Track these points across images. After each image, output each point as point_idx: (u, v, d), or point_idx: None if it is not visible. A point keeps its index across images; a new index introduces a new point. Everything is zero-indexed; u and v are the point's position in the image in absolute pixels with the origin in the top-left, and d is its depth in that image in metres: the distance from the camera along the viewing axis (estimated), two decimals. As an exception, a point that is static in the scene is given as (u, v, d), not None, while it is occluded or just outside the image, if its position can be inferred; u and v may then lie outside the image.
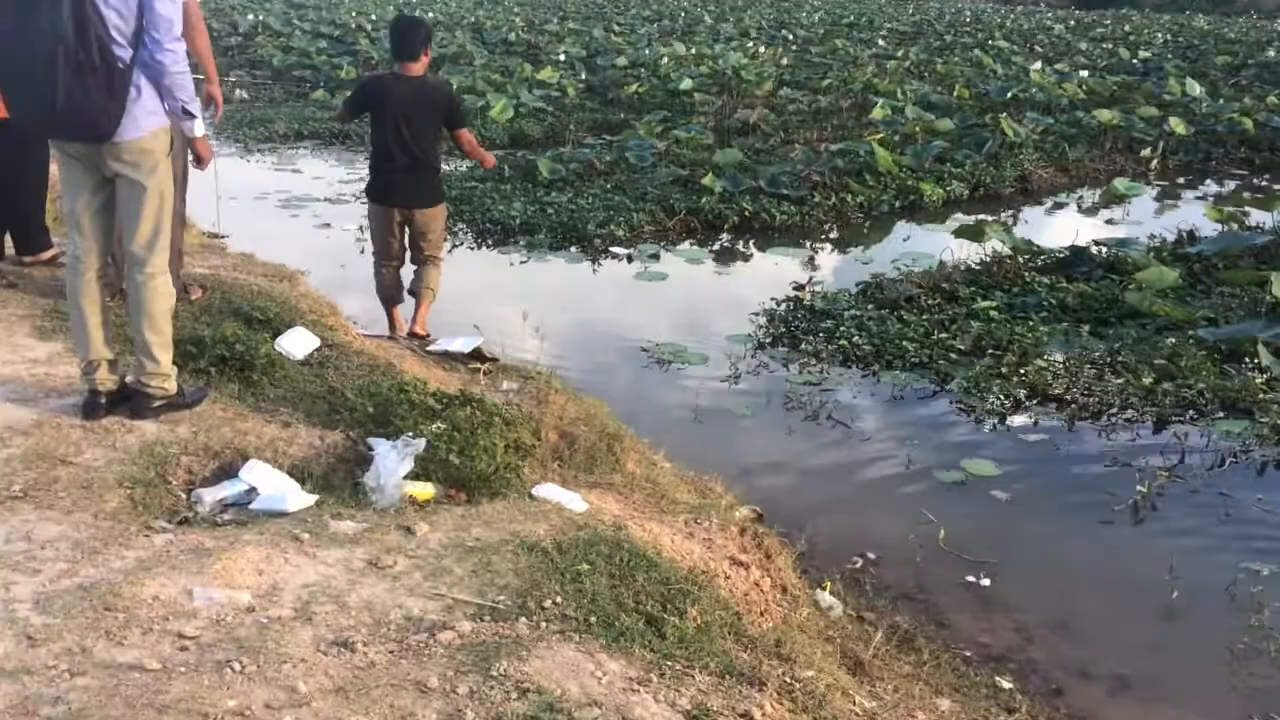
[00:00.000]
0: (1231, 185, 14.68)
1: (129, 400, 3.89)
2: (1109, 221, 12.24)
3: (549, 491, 3.90)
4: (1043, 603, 4.67)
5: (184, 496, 3.56)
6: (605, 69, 21.44)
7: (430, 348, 5.87)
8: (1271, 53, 28.66)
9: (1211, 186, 14.64)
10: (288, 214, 11.39)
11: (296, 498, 3.52)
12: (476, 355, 5.81)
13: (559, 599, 2.99)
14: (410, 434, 3.93)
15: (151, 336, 3.80)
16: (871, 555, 4.93)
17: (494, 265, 9.71)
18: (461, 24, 33.23)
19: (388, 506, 3.54)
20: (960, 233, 9.52)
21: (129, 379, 3.93)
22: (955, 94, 17.85)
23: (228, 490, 3.56)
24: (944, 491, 5.60)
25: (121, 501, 3.33)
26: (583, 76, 20.57)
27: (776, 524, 5.05)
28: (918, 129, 14.32)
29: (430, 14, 36.83)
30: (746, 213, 11.05)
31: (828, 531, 5.12)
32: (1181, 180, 14.82)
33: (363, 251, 10.03)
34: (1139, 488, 5.48)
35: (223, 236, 10.21)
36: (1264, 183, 14.66)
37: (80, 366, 3.89)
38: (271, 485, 3.57)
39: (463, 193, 11.60)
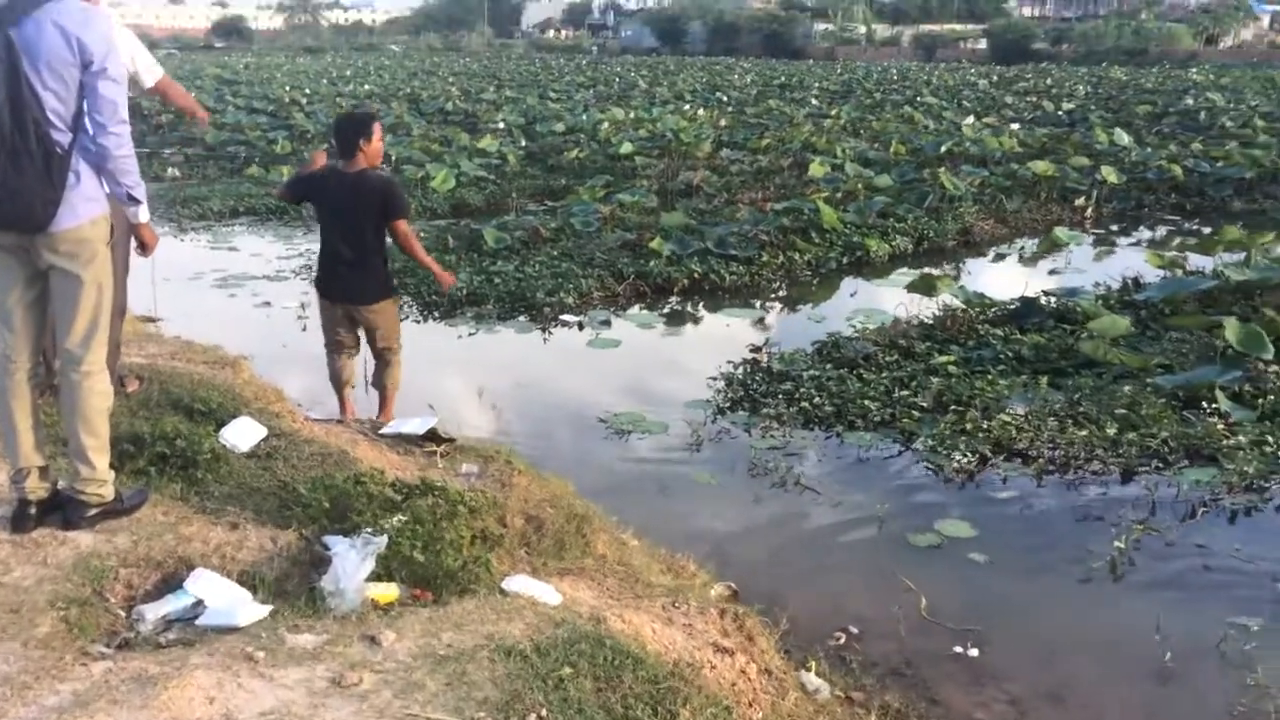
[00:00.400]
0: (1164, 230, 14.96)
1: (62, 509, 3.61)
2: (1052, 271, 12.36)
3: (521, 585, 3.68)
4: (1033, 671, 4.51)
5: (124, 615, 3.28)
6: (544, 135, 21.47)
7: (383, 430, 5.63)
8: (1190, 101, 29.56)
9: (1145, 232, 14.90)
10: (225, 293, 11.09)
11: (248, 610, 3.26)
12: (432, 436, 5.57)
13: (544, 711, 2.76)
14: (369, 529, 3.69)
15: (87, 440, 3.53)
16: (854, 629, 4.74)
17: (442, 338, 9.50)
18: (398, 95, 33.25)
19: (349, 612, 3.29)
20: (912, 287, 9.52)
21: (62, 486, 3.65)
22: (891, 150, 18.09)
23: (172, 605, 3.29)
24: (921, 556, 5.45)
25: (54, 626, 3.04)
26: (522, 144, 20.56)
27: (754, 601, 4.88)
28: (859, 185, 14.43)
29: (366, 86, 36.92)
30: (696, 274, 10.98)
31: (806, 605, 4.94)
32: (1115, 227, 15.07)
33: (305, 329, 9.80)
34: (1116, 543, 5.38)
35: (158, 320, 9.89)
36: (1195, 227, 14.95)
37: (8, 474, 3.61)
38: (220, 597, 3.31)
39: (406, 264, 11.37)
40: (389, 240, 6.01)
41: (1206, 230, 14.89)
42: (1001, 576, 5.24)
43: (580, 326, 9.78)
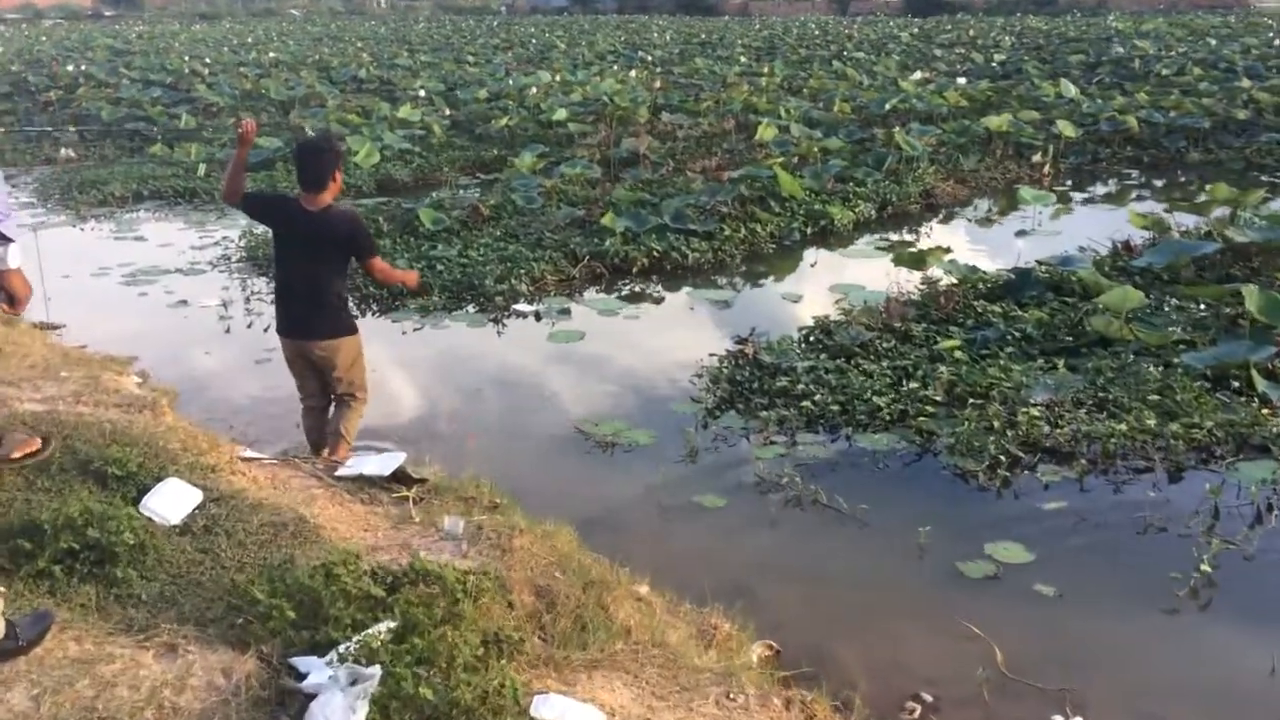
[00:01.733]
0: (1125, 185, 14.49)
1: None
2: (1020, 233, 11.78)
3: (555, 710, 2.83)
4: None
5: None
6: (468, 103, 20.30)
7: (341, 472, 4.70)
8: (1119, 49, 29.37)
9: (1101, 187, 14.43)
10: (134, 291, 9.93)
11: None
12: (400, 478, 4.67)
13: None
14: (352, 643, 2.80)
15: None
16: (927, 697, 3.98)
17: (384, 336, 8.50)
18: (305, 63, 31.56)
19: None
20: (900, 261, 8.80)
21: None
22: (835, 109, 17.36)
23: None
24: (978, 591, 4.72)
25: None
26: (446, 112, 19.38)
27: (799, 660, 4.16)
28: (812, 149, 13.66)
29: (270, 54, 35.01)
30: (655, 253, 10.12)
31: (863, 666, 4.18)
32: (1070, 183, 14.57)
33: (228, 331, 8.74)
34: (1203, 566, 4.70)
35: (57, 327, 8.74)
36: (1161, 183, 14.52)
37: None
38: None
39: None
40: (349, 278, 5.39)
41: (1159, 183, 14.53)
42: (1076, 613, 4.53)
43: (537, 317, 8.87)
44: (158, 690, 2.64)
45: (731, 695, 3.36)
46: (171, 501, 3.68)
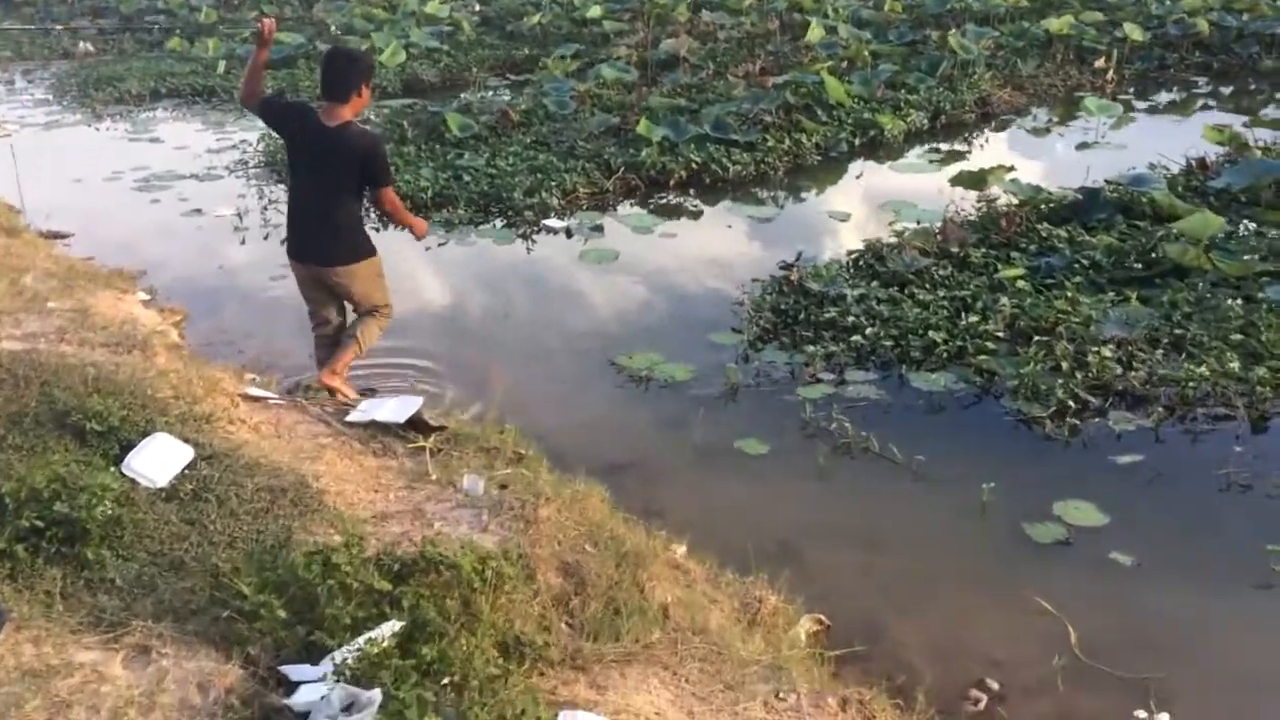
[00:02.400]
0: (1192, 94, 13.59)
1: None
2: (1083, 145, 11.04)
3: (584, 731, 2.45)
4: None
5: None
6: (499, -2, 19.40)
7: (353, 417, 4.31)
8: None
9: (1166, 95, 13.55)
10: (147, 198, 9.51)
11: None
12: (416, 425, 4.28)
13: None
14: (351, 650, 2.43)
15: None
16: (994, 684, 3.60)
17: (406, 252, 8.02)
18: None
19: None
20: (959, 181, 8.19)
21: None
22: (887, 8, 16.39)
23: None
24: (1048, 558, 4.30)
25: None
26: (476, 8, 18.55)
27: (850, 636, 3.80)
28: (863, 52, 12.87)
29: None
30: (694, 164, 9.55)
31: (922, 645, 3.81)
32: (1132, 90, 13.70)
33: (243, 243, 8.33)
34: (1299, 537, 4.24)
35: (65, 236, 8.36)
36: (1229, 91, 13.62)
37: None
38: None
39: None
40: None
41: (1226, 92, 13.63)
42: (1158, 587, 4.10)
43: (569, 233, 8.38)
44: (121, 712, 2.28)
45: (781, 694, 2.99)
46: (158, 461, 3.30)
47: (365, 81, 4.82)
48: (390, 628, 2.53)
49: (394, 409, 4.30)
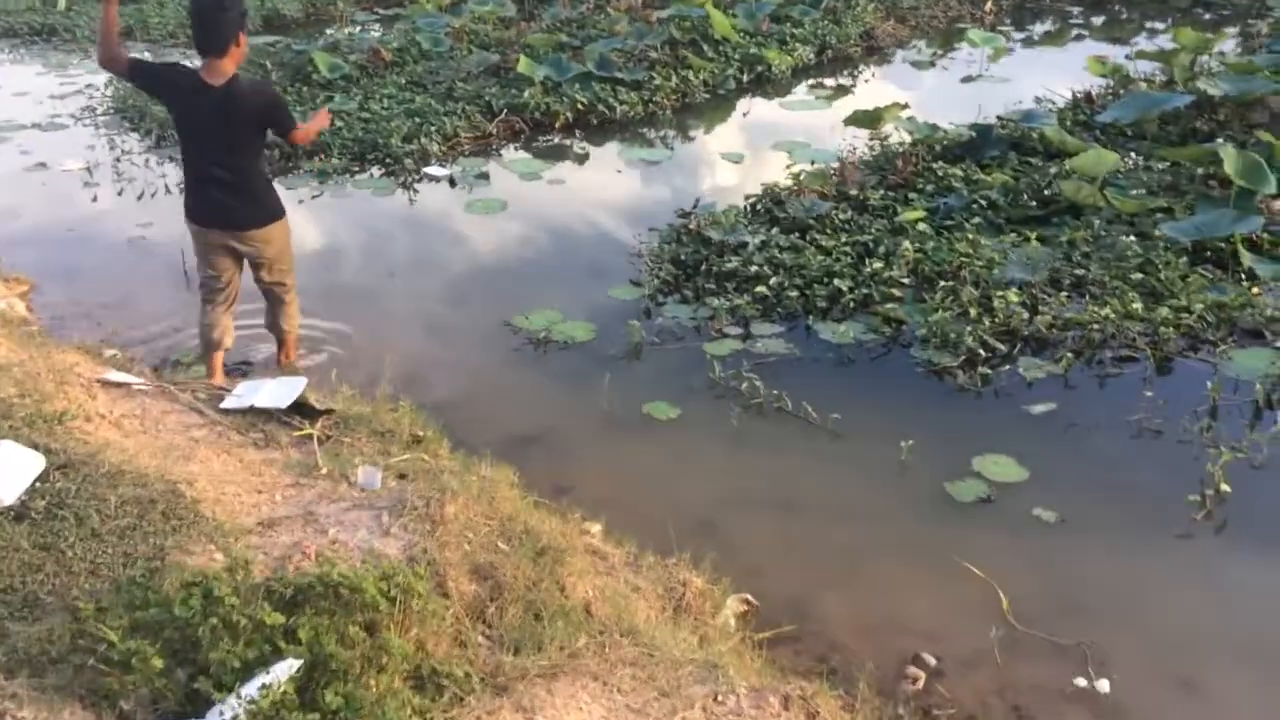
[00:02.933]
0: (1067, 24, 13.72)
1: None
2: (967, 79, 11.00)
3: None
4: (1190, 710, 3.33)
5: None
6: (362, -74, 18.37)
7: (228, 404, 3.91)
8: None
9: (1040, 26, 13.64)
10: (-16, 153, 8.67)
11: None
12: (301, 409, 3.90)
13: None
14: (240, 704, 2.11)
15: None
16: (930, 659, 3.47)
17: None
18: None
19: None
20: (854, 120, 8.01)
21: None
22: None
23: None
24: (971, 518, 4.19)
25: None
26: (338, -64, 17.51)
27: (779, 617, 3.64)
28: (744, -17, 12.54)
29: None
30: (579, 105, 9.16)
31: (853, 621, 3.67)
32: (1009, 21, 13.75)
33: (95, 199, 7.65)
34: (1219, 482, 4.21)
35: (-111, 199, 7.57)
36: (1101, 21, 13.78)
37: None
38: None
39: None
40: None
41: (1099, 21, 13.80)
42: (1082, 544, 4.03)
43: (452, 182, 7.94)
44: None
45: (720, 697, 2.78)
46: (3, 475, 2.88)
47: (241, 29, 4.44)
48: (287, 668, 2.22)
49: (274, 393, 3.91)
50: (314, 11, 13.53)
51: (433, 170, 8.05)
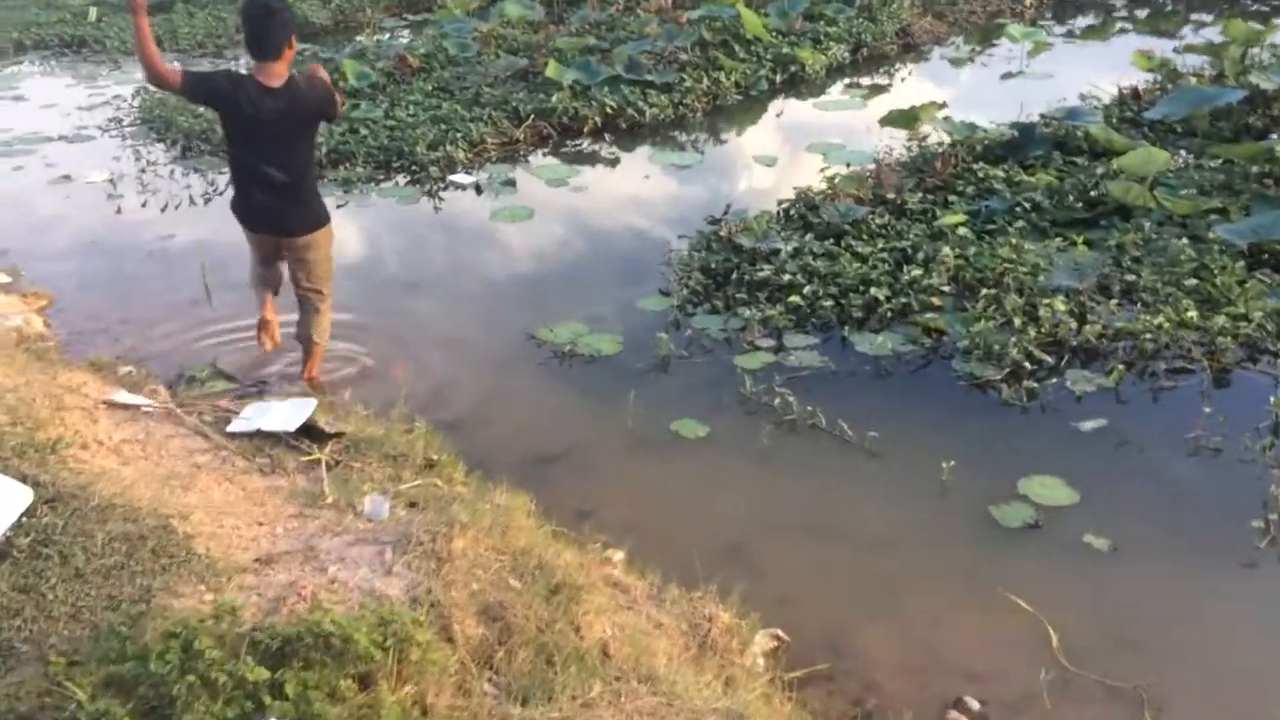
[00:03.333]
0: (1110, 17, 13.33)
1: None
2: (1007, 75, 10.69)
3: None
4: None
5: None
6: (392, -69, 18.30)
7: (235, 427, 3.75)
8: None
9: (1082, 19, 13.27)
10: (9, 165, 8.65)
11: None
12: (310, 432, 3.73)
13: None
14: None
15: None
16: (973, 703, 3.23)
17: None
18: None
19: None
20: (889, 120, 7.75)
21: None
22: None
23: None
24: (1018, 545, 3.94)
25: None
26: (368, -58, 17.45)
27: (812, 654, 3.41)
28: (778, -19, 12.29)
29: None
30: (608, 109, 8.96)
31: (891, 658, 3.44)
32: (1050, 15, 13.39)
33: (119, 212, 7.56)
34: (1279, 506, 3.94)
35: (-88, 213, 7.52)
36: (1144, 13, 13.40)
37: None
38: None
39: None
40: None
41: (1143, 14, 13.42)
42: (1137, 574, 3.77)
43: (478, 190, 7.78)
44: None
45: (747, 750, 2.56)
46: (-13, 512, 2.72)
47: (292, 31, 4.51)
48: (271, 736, 2.04)
49: (283, 415, 3.75)
50: (342, 19, 13.44)
51: (458, 178, 7.89)
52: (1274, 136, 7.18)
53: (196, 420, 3.76)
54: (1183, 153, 7.48)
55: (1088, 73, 9.74)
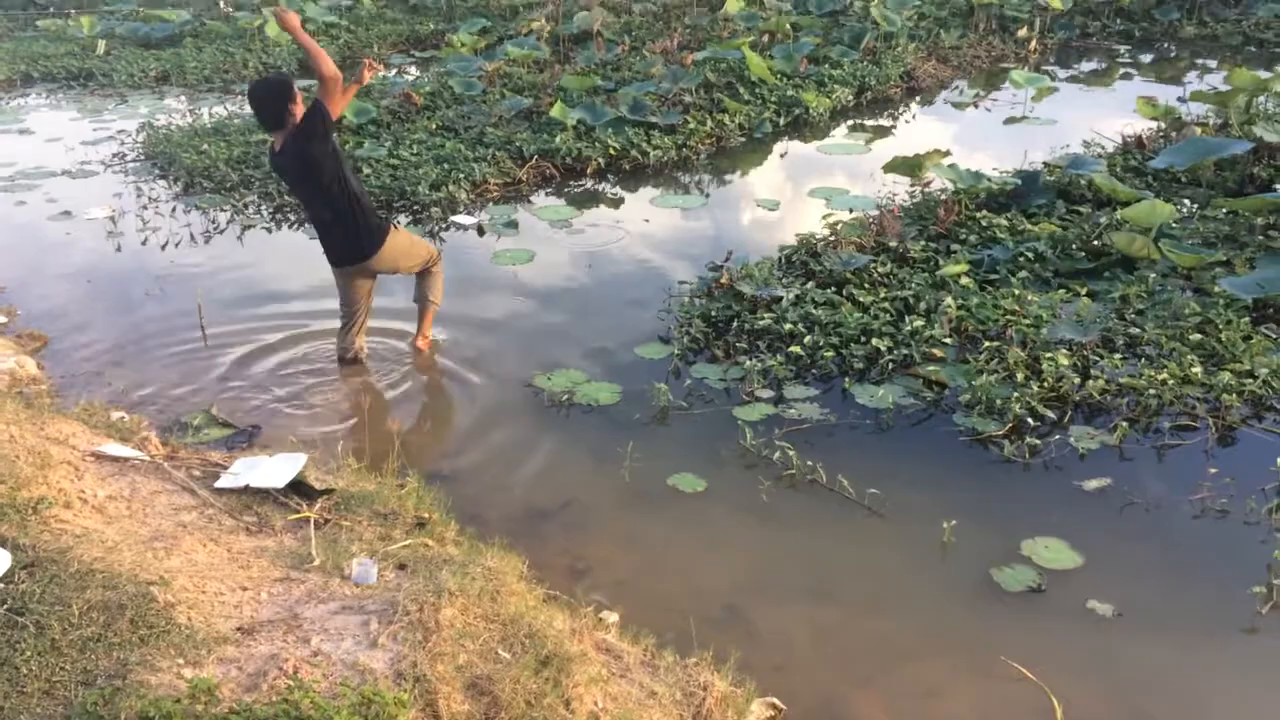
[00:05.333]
0: (1114, 63, 13.36)
1: None
2: (1010, 120, 10.70)
3: None
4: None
5: None
6: (401, -32, 18.45)
7: (223, 483, 3.69)
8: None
9: (1087, 65, 13.28)
10: (11, 200, 8.65)
11: None
12: (299, 489, 3.67)
13: None
14: None
15: None
16: (978, 784, 3.14)
17: (300, 255, 7.37)
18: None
19: None
20: (892, 167, 7.72)
21: None
22: (805, -24, 15.86)
23: None
24: (1021, 610, 3.86)
25: None
26: (376, -21, 17.60)
27: (808, 722, 3.28)
28: (784, 25, 12.36)
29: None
30: (612, 150, 8.96)
31: (890, 730, 3.33)
32: (1054, 60, 13.42)
33: (118, 249, 7.53)
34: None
35: (-88, 250, 7.51)
36: (1150, 59, 13.42)
37: None
38: None
39: (247, 151, 9.07)
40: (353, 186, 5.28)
41: (1148, 59, 13.44)
42: (1143, 641, 3.68)
43: (480, 230, 7.76)
44: None
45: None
46: (-36, 576, 2.66)
47: (291, 101, 5.02)
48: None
49: (272, 471, 3.69)
50: (350, 55, 13.49)
51: (460, 218, 7.87)
52: (1278, 188, 7.14)
53: (185, 475, 3.70)
54: (1187, 203, 7.47)
55: (1091, 118, 9.77)
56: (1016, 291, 6.01)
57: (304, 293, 6.60)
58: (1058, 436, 4.88)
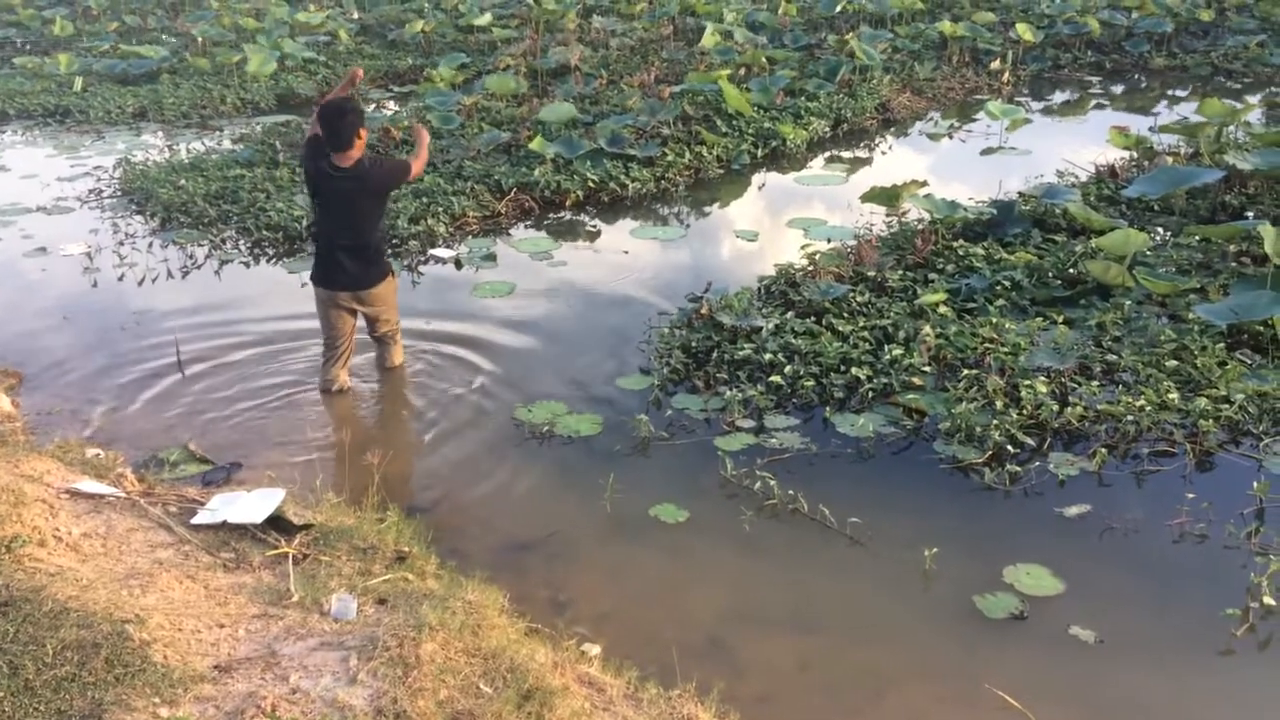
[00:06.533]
0: (1086, 94, 13.53)
1: None
2: (986, 150, 10.81)
3: None
4: None
5: None
6: (379, 4, 18.56)
7: (200, 519, 3.65)
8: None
9: (1060, 95, 13.44)
10: (-13, 237, 8.55)
11: None
12: (277, 524, 3.64)
13: None
14: None
15: None
16: (961, 808, 3.12)
17: (277, 289, 7.36)
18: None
19: None
20: (870, 197, 7.77)
21: None
22: (780, 11, 16.05)
23: None
24: (1003, 637, 3.86)
25: None
26: (354, 16, 17.71)
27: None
28: (760, 58, 12.48)
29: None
30: (590, 183, 9.00)
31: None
32: (1027, 92, 13.58)
33: (94, 285, 7.48)
34: (1264, 596, 3.88)
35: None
36: (1121, 90, 13.61)
37: None
38: None
39: (225, 186, 9.05)
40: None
41: (1119, 90, 13.62)
42: (1125, 667, 3.69)
43: (458, 264, 7.75)
44: None
45: None
46: (-65, 616, 2.62)
47: (362, 126, 5.30)
48: None
49: (250, 506, 3.66)
50: (328, 90, 13.50)
51: (439, 252, 7.88)
52: (1250, 215, 7.24)
53: (160, 511, 3.66)
54: (1160, 230, 7.56)
55: (1065, 149, 9.89)
56: (994, 320, 6.05)
57: (283, 327, 6.56)
58: (1037, 463, 4.91)
